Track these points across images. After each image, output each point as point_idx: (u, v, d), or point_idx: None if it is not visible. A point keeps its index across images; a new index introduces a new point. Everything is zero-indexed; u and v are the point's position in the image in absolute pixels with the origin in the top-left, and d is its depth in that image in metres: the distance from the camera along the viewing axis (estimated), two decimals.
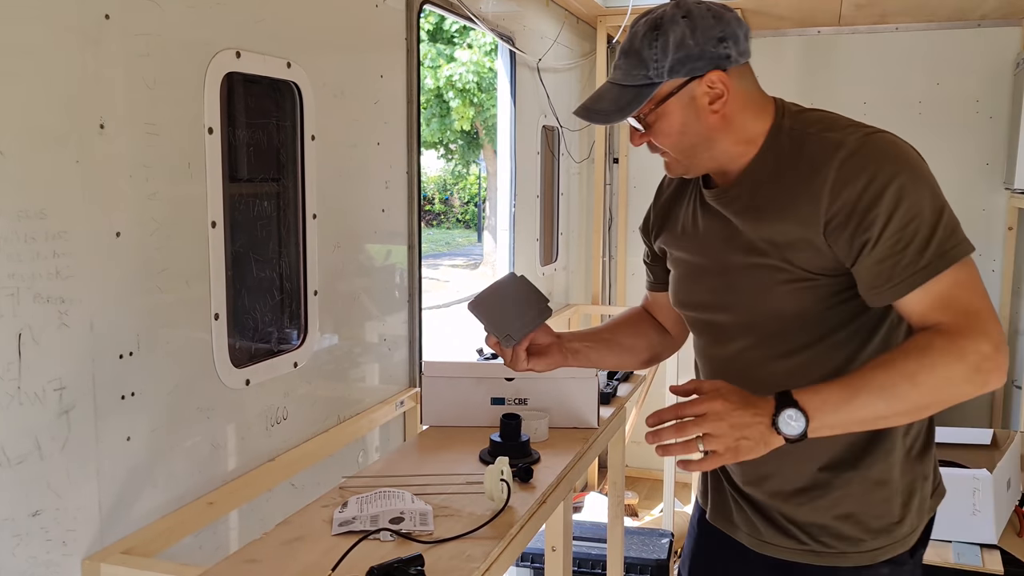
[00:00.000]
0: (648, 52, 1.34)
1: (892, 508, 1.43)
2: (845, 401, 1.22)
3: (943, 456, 3.23)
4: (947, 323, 1.23)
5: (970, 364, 1.20)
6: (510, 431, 1.93)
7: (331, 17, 2.19)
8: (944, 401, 1.25)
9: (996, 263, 4.31)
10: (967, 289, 1.24)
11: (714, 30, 1.33)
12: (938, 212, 1.26)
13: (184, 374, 1.75)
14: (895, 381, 1.21)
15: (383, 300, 2.54)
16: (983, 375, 1.21)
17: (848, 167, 1.28)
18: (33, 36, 1.40)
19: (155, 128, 1.64)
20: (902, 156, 1.29)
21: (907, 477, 1.43)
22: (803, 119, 1.39)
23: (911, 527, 1.45)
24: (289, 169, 2.08)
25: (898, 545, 1.44)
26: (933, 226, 1.25)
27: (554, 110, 3.86)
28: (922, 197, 1.26)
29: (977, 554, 2.80)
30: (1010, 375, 4.28)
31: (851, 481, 1.42)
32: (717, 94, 1.35)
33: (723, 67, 1.34)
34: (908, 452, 1.43)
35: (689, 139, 1.39)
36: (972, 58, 4.23)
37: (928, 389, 1.22)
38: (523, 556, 3.16)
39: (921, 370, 1.21)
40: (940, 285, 1.24)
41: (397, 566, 1.37)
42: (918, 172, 1.28)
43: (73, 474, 1.50)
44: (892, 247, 1.26)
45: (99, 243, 1.53)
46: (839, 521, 1.44)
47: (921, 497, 1.45)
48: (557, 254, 4.12)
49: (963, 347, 1.21)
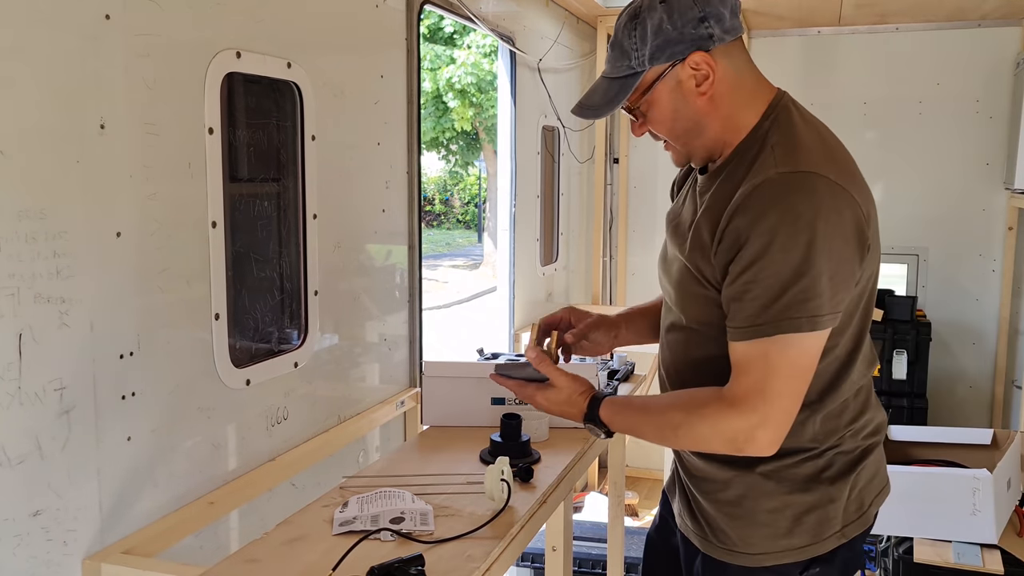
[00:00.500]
0: (628, 42, 1.37)
1: (780, 519, 1.44)
2: (629, 428, 1.51)
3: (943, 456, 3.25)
4: (732, 388, 1.33)
5: (724, 436, 1.34)
6: (510, 431, 1.93)
7: (331, 17, 2.19)
8: (700, 450, 1.46)
9: (996, 263, 4.31)
10: (771, 365, 1.29)
11: (692, 11, 1.33)
12: (796, 278, 1.26)
13: (184, 374, 1.75)
14: (663, 424, 1.43)
15: (383, 300, 2.54)
16: (737, 444, 1.34)
17: (752, 197, 1.30)
18: (34, 36, 1.40)
19: (155, 128, 1.64)
20: (798, 208, 1.27)
21: (808, 496, 1.43)
22: (782, 130, 1.38)
23: (803, 543, 1.44)
24: (289, 169, 2.09)
25: (783, 555, 1.45)
26: (784, 289, 1.26)
27: (555, 110, 3.86)
28: (790, 257, 1.26)
29: (977, 554, 2.80)
30: (1010, 375, 4.28)
31: (745, 484, 1.45)
32: (703, 75, 1.36)
33: (705, 47, 1.34)
34: (818, 473, 1.43)
35: (682, 124, 1.41)
36: (972, 58, 4.24)
37: (685, 442, 1.45)
38: (523, 556, 3.16)
39: (684, 425, 1.39)
40: (756, 348, 1.30)
41: (398, 566, 1.37)
42: (802, 229, 1.26)
43: (74, 474, 1.50)
44: (740, 290, 1.31)
45: (99, 243, 1.53)
46: (731, 519, 1.48)
47: (822, 518, 1.44)
48: (557, 254, 4.12)
49: (726, 419, 1.33)
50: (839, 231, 1.28)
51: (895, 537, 2.96)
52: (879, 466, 1.53)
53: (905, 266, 4.45)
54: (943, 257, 4.39)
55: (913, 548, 2.87)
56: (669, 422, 1.41)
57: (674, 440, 1.48)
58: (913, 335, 3.96)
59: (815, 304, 1.27)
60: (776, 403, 1.30)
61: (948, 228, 4.36)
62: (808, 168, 1.30)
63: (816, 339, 1.30)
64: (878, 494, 1.53)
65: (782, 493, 1.44)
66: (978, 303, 4.37)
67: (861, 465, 1.47)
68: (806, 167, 1.30)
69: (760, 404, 1.30)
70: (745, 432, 1.32)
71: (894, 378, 3.99)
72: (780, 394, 1.31)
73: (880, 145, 4.42)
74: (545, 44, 3.72)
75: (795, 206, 1.27)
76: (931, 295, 4.42)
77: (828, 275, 1.27)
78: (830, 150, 1.38)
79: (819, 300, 1.27)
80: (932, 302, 4.41)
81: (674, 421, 1.40)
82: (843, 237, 1.29)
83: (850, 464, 1.46)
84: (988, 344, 4.37)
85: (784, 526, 1.44)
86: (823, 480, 1.44)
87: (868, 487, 1.50)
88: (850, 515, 1.46)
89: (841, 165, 1.35)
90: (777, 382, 1.30)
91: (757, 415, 1.31)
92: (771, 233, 1.27)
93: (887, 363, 3.99)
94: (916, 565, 2.83)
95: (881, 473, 1.54)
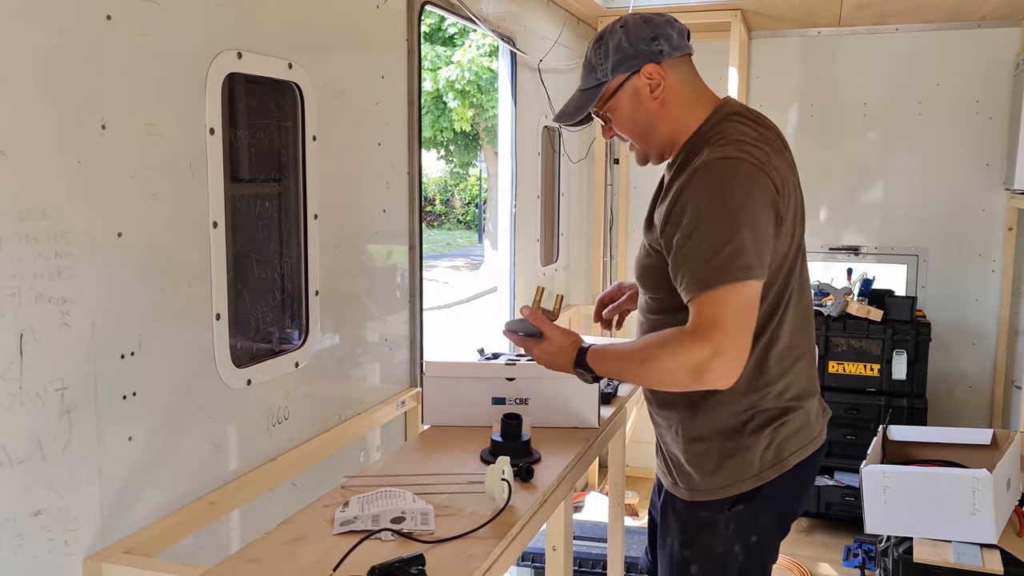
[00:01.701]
0: (595, 59, 1.71)
1: (707, 461, 1.75)
2: (612, 370, 1.72)
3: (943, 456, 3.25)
4: (690, 325, 1.56)
5: (686, 366, 1.54)
6: (511, 431, 1.93)
7: (332, 18, 2.20)
8: (669, 384, 1.64)
9: (996, 263, 4.32)
10: (719, 305, 1.53)
11: (645, 31, 1.68)
12: (725, 240, 1.53)
13: (185, 374, 1.75)
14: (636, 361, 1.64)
15: (384, 300, 2.54)
16: (697, 374, 1.54)
17: (690, 180, 1.59)
18: (35, 37, 1.40)
19: (156, 128, 1.64)
20: (720, 185, 1.57)
21: (730, 443, 1.73)
22: (720, 127, 1.67)
23: (724, 483, 1.73)
24: (290, 169, 2.09)
25: (711, 492, 1.75)
26: (717, 251, 1.53)
27: (555, 111, 3.86)
28: (718, 224, 1.54)
29: (977, 554, 2.80)
30: (1009, 375, 4.28)
31: (685, 427, 1.77)
32: (655, 83, 1.68)
33: (656, 60, 1.68)
34: (743, 425, 1.72)
35: (640, 125, 1.73)
36: (972, 59, 4.24)
37: (655, 375, 1.61)
38: (524, 555, 3.17)
39: (652, 359, 1.59)
40: (706, 297, 1.54)
41: (398, 566, 1.38)
42: (724, 201, 1.56)
43: (75, 474, 1.51)
44: (681, 256, 1.58)
45: (100, 243, 1.53)
46: (675, 459, 1.81)
47: (742, 463, 1.72)
48: (558, 254, 4.12)
49: (687, 350, 1.54)
50: (757, 201, 1.57)
51: (895, 537, 2.96)
52: (804, 423, 1.77)
53: (905, 266, 4.45)
54: (943, 257, 4.39)
55: (913, 548, 2.87)
56: (641, 358, 1.62)
57: (646, 375, 1.64)
58: (913, 335, 3.96)
59: (745, 260, 1.53)
60: (728, 335, 1.52)
61: (948, 228, 4.36)
62: (733, 154, 1.59)
63: (753, 288, 1.56)
64: (801, 447, 1.76)
65: (709, 440, 1.74)
66: (978, 303, 4.37)
67: (780, 421, 1.73)
68: (732, 153, 1.59)
69: (715, 334, 1.52)
70: (704, 361, 1.52)
71: (894, 378, 3.99)
72: (731, 328, 1.53)
73: (880, 146, 4.43)
74: (545, 45, 3.72)
75: (720, 183, 1.57)
76: (931, 295, 4.42)
77: (751, 237, 1.54)
78: (754, 140, 1.64)
79: (748, 256, 1.53)
80: (932, 302, 4.42)
81: (645, 356, 1.61)
82: (760, 205, 1.57)
83: (768, 420, 1.72)
84: (988, 344, 4.37)
85: (710, 468, 1.74)
86: (744, 432, 1.72)
87: (789, 441, 1.74)
88: (767, 462, 1.73)
89: (761, 151, 1.62)
90: (727, 316, 1.53)
91: (713, 344, 1.51)
92: (703, 206, 1.56)
93: (887, 363, 3.99)
94: (916, 565, 2.84)
95: (805, 430, 1.77)
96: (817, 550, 3.86)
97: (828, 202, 4.52)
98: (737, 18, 3.99)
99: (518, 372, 2.16)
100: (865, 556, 3.52)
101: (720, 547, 1.77)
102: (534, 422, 2.11)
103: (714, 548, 1.77)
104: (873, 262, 4.49)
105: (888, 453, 3.33)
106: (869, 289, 4.19)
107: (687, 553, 1.80)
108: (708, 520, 1.77)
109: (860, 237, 4.51)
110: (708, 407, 1.73)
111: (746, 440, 1.72)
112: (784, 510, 1.81)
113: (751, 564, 1.79)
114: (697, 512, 1.78)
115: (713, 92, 1.75)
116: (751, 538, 1.76)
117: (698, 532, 1.79)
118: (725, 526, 1.75)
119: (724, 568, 1.78)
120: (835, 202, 4.50)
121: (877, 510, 2.94)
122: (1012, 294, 4.29)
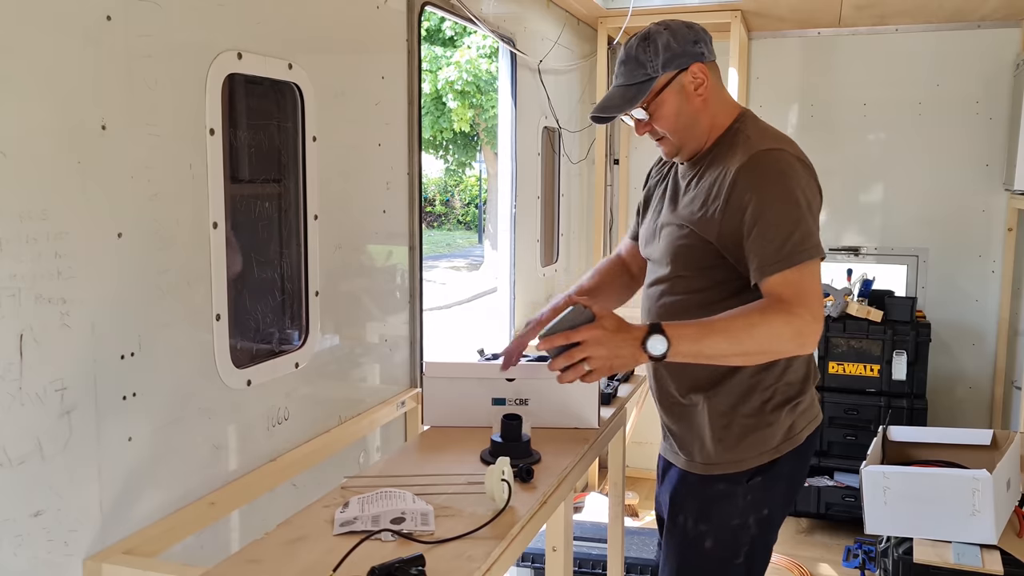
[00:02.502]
0: (644, 56, 1.81)
1: (728, 436, 1.86)
2: (698, 338, 1.64)
3: (943, 456, 3.25)
4: (782, 300, 1.66)
5: (793, 328, 1.64)
6: (511, 431, 1.93)
7: (332, 19, 2.20)
8: (769, 352, 1.71)
9: (996, 264, 4.32)
10: (805, 278, 1.68)
11: (689, 35, 1.82)
12: (795, 223, 1.68)
13: (185, 375, 1.75)
14: (737, 328, 1.65)
15: (384, 301, 2.54)
16: (803, 337, 1.66)
17: (744, 169, 1.73)
18: (35, 37, 1.40)
19: (156, 129, 1.64)
20: (781, 173, 1.72)
21: (751, 420, 1.85)
22: (751, 126, 1.83)
23: (745, 455, 1.86)
24: (290, 170, 2.09)
25: (731, 466, 1.87)
26: (790, 233, 1.67)
27: (555, 112, 3.87)
28: (785, 209, 1.69)
29: (977, 555, 2.80)
30: (1009, 376, 4.28)
31: (711, 406, 1.87)
32: (700, 81, 1.81)
33: (702, 60, 1.82)
34: (764, 403, 1.85)
35: (683, 120, 1.83)
36: (972, 59, 4.24)
37: (760, 339, 1.65)
38: (524, 556, 3.17)
39: (760, 324, 1.64)
40: (786, 276, 1.67)
41: (398, 566, 1.38)
42: (786, 187, 1.70)
43: (74, 474, 1.51)
44: (756, 241, 1.70)
45: (100, 244, 1.53)
46: (692, 435, 1.91)
47: (761, 438, 1.85)
48: (558, 255, 4.12)
49: (792, 316, 1.64)
50: (810, 186, 1.75)
51: (895, 538, 2.97)
52: (811, 402, 1.94)
53: (905, 267, 4.45)
54: (943, 258, 4.40)
55: (913, 548, 2.88)
56: (744, 324, 1.65)
57: (748, 340, 1.65)
58: (913, 336, 3.96)
59: (814, 239, 1.70)
60: (816, 305, 1.67)
61: (948, 229, 4.36)
62: (778, 146, 1.76)
63: (818, 264, 1.71)
64: (810, 422, 1.93)
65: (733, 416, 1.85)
66: (978, 304, 4.37)
67: (797, 400, 1.88)
68: (776, 145, 1.76)
69: (809, 303, 1.66)
70: (807, 326, 1.65)
71: (894, 379, 3.99)
72: (816, 300, 1.68)
73: (880, 146, 4.43)
74: (546, 45, 3.73)
75: (779, 170, 1.72)
76: (931, 296, 4.42)
77: (812, 218, 1.72)
78: (790, 141, 1.82)
79: (815, 236, 1.70)
80: (932, 303, 4.42)
81: (750, 322, 1.65)
82: (813, 190, 1.75)
83: (787, 399, 1.87)
84: (988, 345, 4.38)
85: (731, 443, 1.86)
86: (765, 410, 1.85)
87: (802, 416, 1.90)
88: (784, 437, 1.86)
89: (799, 150, 1.80)
90: (810, 290, 1.68)
91: (810, 313, 1.65)
92: (769, 192, 1.70)
93: (887, 364, 3.99)
94: (916, 565, 2.84)
95: (812, 408, 1.94)
96: (817, 550, 3.86)
97: (828, 202, 4.46)
98: (737, 19, 3.99)
99: (518, 373, 2.16)
100: (865, 557, 3.52)
101: (736, 519, 1.87)
102: (534, 423, 2.11)
103: (730, 520, 1.87)
104: (873, 263, 4.49)
105: (888, 453, 3.33)
106: (869, 290, 4.19)
107: (702, 527, 1.89)
108: (726, 492, 1.87)
109: (860, 238, 4.51)
110: (733, 387, 1.85)
111: (767, 417, 1.85)
112: (792, 483, 1.94)
113: (760, 539, 1.90)
114: (715, 485, 1.88)
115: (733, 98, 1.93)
116: (763, 511, 1.88)
117: (715, 504, 1.88)
118: (743, 498, 1.86)
119: (737, 542, 1.88)
120: (835, 202, 4.50)
121: (877, 510, 2.94)
122: (1012, 295, 4.29)
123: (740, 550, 1.89)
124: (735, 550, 1.89)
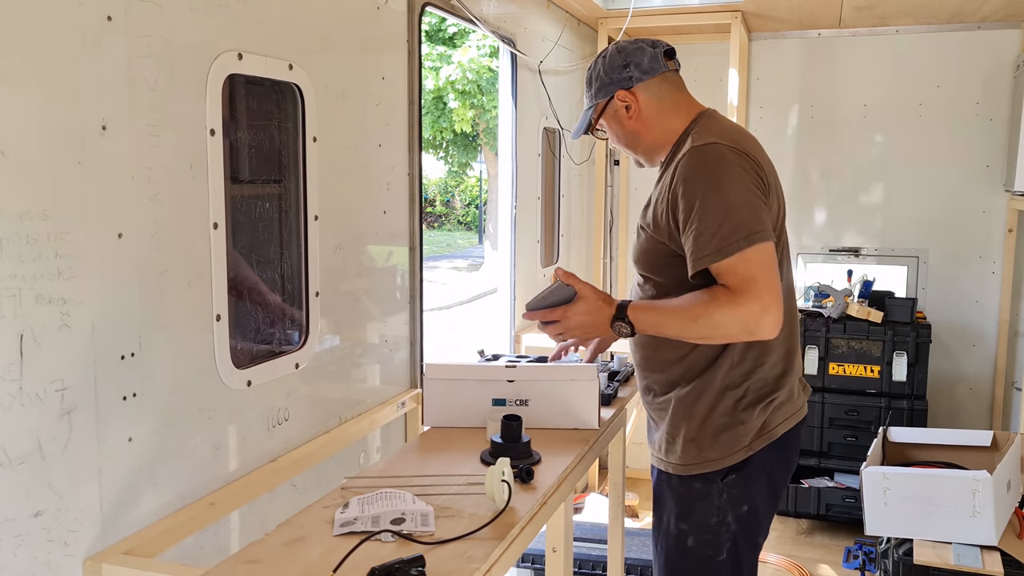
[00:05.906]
0: (586, 85, 2.01)
1: (702, 436, 1.89)
2: (655, 325, 1.80)
3: (943, 457, 3.25)
4: (729, 287, 1.69)
5: (738, 319, 1.68)
6: (511, 432, 1.93)
7: (333, 19, 2.20)
8: (719, 338, 1.78)
9: (996, 265, 4.32)
10: (749, 266, 1.69)
11: (618, 60, 1.93)
12: (724, 213, 1.70)
13: (186, 375, 1.75)
14: (684, 316, 1.75)
15: (384, 301, 2.54)
16: (749, 327, 1.69)
17: (680, 166, 1.79)
18: (35, 37, 1.40)
19: (157, 129, 1.64)
20: (708, 167, 1.75)
21: (724, 419, 1.87)
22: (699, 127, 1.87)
23: (719, 455, 1.88)
24: (291, 171, 2.09)
25: (705, 465, 1.89)
26: (719, 224, 1.70)
27: (555, 112, 3.87)
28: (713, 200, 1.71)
29: (977, 556, 2.80)
30: (1010, 377, 4.28)
31: (684, 407, 1.90)
32: (627, 104, 1.93)
33: (626, 87, 1.92)
34: (737, 402, 1.87)
35: (625, 139, 1.99)
36: (972, 60, 4.24)
37: (704, 329, 1.73)
38: (524, 557, 3.17)
39: (704, 315, 1.71)
40: (728, 262, 1.69)
41: (398, 567, 1.38)
42: (713, 180, 1.74)
43: (75, 475, 1.51)
44: (692, 233, 1.73)
45: (101, 244, 1.54)
46: (669, 434, 1.94)
47: (733, 437, 1.87)
48: (558, 255, 4.12)
49: (738, 306, 1.67)
50: (744, 175, 1.75)
51: (895, 539, 2.96)
52: (788, 398, 1.94)
53: (905, 268, 4.45)
54: (943, 259, 4.39)
55: (913, 549, 2.87)
56: (690, 314, 1.73)
57: (693, 329, 1.75)
58: (913, 337, 3.96)
59: (749, 226, 1.70)
60: (767, 290, 1.67)
61: (948, 230, 4.36)
62: (711, 140, 1.79)
63: (769, 248, 1.71)
64: (789, 417, 1.93)
65: (707, 417, 1.87)
66: (978, 305, 4.37)
67: (769, 399, 1.89)
68: (709, 140, 1.79)
69: (758, 290, 1.67)
70: (755, 315, 1.67)
71: (894, 380, 3.99)
72: (767, 284, 1.68)
73: (880, 147, 4.43)
74: (546, 46, 3.73)
75: (709, 164, 1.76)
76: (931, 297, 4.42)
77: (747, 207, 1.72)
78: (731, 133, 1.84)
79: (749, 224, 1.70)
80: (932, 304, 4.42)
81: (695, 313, 1.73)
82: (748, 179, 1.75)
83: (759, 398, 1.88)
84: (988, 346, 4.38)
85: (706, 443, 1.88)
86: (737, 408, 1.87)
87: (778, 412, 1.91)
88: (756, 435, 1.88)
89: (738, 140, 1.81)
90: (761, 274, 1.68)
91: (760, 301, 1.67)
92: (696, 187, 1.74)
93: (887, 365, 3.99)
94: (916, 567, 2.83)
95: (789, 403, 1.94)
96: (817, 552, 3.86)
97: (828, 203, 4.52)
98: (737, 20, 3.99)
99: (518, 374, 2.16)
100: (865, 558, 3.52)
101: (714, 517, 1.90)
102: (534, 423, 2.11)
103: (708, 518, 1.90)
104: (873, 263, 4.49)
105: (888, 454, 3.33)
106: (869, 291, 4.19)
107: (683, 526, 1.93)
108: (703, 491, 1.90)
109: (860, 239, 4.51)
110: (707, 388, 1.88)
111: (740, 416, 1.87)
112: (773, 478, 1.95)
113: (743, 535, 1.92)
114: (692, 484, 1.91)
115: (697, 101, 1.98)
116: (743, 507, 1.90)
117: (694, 503, 1.92)
118: (719, 496, 1.89)
119: (718, 539, 1.91)
120: (835, 203, 4.51)
121: (877, 511, 2.94)
122: (1012, 296, 4.29)
123: (722, 547, 1.91)
124: (717, 547, 1.91)
